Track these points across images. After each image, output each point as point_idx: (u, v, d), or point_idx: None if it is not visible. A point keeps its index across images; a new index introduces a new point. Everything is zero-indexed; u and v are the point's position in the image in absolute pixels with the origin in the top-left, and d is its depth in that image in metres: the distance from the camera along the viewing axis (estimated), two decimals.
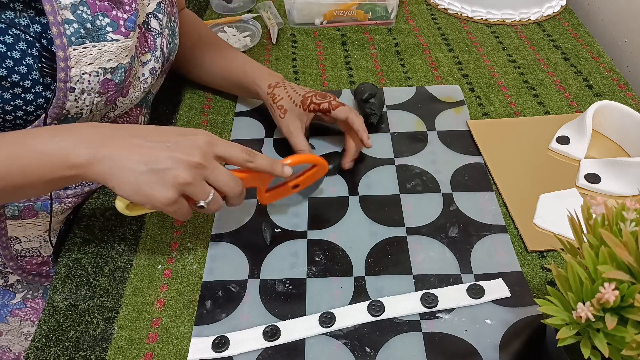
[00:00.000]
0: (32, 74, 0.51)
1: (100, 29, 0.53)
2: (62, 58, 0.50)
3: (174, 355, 0.51)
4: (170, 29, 0.66)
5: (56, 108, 0.53)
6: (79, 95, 0.53)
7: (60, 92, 0.52)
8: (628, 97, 0.78)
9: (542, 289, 0.55)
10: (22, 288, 0.71)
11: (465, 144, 0.72)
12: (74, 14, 0.51)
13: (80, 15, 0.51)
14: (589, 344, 0.37)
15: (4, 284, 0.70)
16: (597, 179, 0.64)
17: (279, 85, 0.70)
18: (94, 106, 0.56)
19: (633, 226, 0.38)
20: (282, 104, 0.68)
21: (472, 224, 0.61)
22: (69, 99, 0.53)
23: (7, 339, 0.75)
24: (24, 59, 0.50)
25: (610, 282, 0.36)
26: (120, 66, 0.56)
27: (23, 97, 0.51)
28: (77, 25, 0.51)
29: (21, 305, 0.72)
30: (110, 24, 0.54)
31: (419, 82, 0.84)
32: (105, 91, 0.55)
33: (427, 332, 0.52)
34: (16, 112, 0.52)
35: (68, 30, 0.50)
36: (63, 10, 0.50)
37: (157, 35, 0.63)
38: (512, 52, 0.90)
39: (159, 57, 0.64)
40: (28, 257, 0.67)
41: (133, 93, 0.61)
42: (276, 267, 0.58)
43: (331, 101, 0.66)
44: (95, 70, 0.53)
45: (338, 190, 0.66)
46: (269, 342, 0.51)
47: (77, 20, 0.51)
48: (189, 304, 0.56)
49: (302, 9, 0.97)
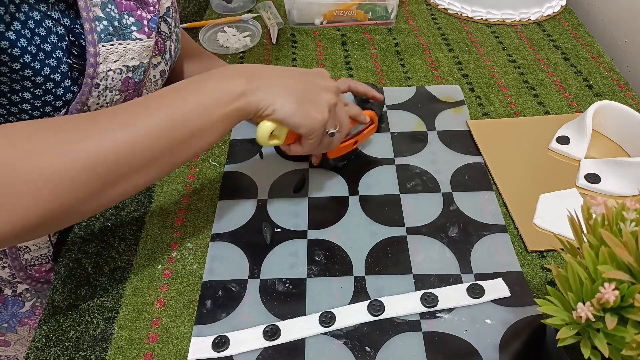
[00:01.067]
0: (61, 67, 0.51)
1: (126, 28, 0.54)
2: (92, 54, 0.51)
3: (174, 355, 0.51)
4: (176, 34, 0.67)
5: (79, 103, 0.53)
6: (102, 91, 0.54)
7: (86, 87, 0.52)
8: (628, 97, 0.79)
9: (542, 289, 0.55)
10: (30, 297, 0.71)
11: (465, 144, 0.72)
12: (104, 11, 0.52)
13: (109, 13, 0.52)
14: (589, 344, 0.37)
15: (13, 294, 0.70)
16: (597, 179, 0.65)
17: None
18: (113, 104, 0.56)
19: (633, 226, 0.38)
20: None
21: (472, 223, 0.62)
22: (93, 94, 0.53)
23: (16, 349, 0.75)
24: (55, 52, 0.50)
25: (610, 282, 0.36)
26: (141, 65, 0.57)
27: (54, 93, 0.52)
28: (106, 23, 0.52)
29: (30, 313, 0.72)
30: (135, 23, 0.55)
31: (419, 82, 0.84)
32: (125, 89, 0.56)
33: (427, 331, 0.52)
34: (45, 107, 0.52)
35: (98, 27, 0.51)
36: (94, 7, 0.51)
37: (166, 39, 0.64)
38: (512, 52, 0.90)
39: (168, 60, 0.65)
40: (37, 265, 0.67)
41: (145, 94, 0.62)
42: (276, 267, 0.58)
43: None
44: (119, 68, 0.54)
45: (338, 190, 0.66)
46: (269, 341, 0.51)
47: (106, 18, 0.52)
48: (189, 304, 0.56)
49: (302, 9, 0.97)
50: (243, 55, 0.93)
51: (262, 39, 0.96)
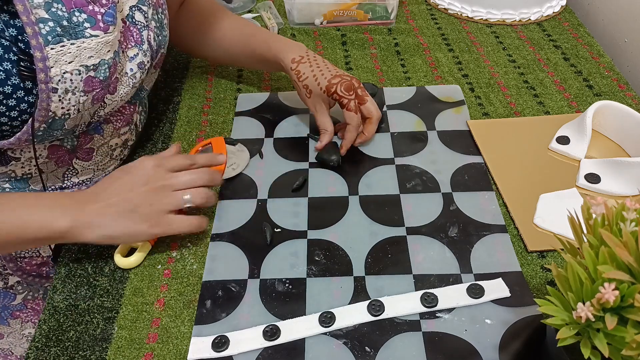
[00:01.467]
0: (11, 79, 0.50)
1: (78, 26, 0.51)
2: (40, 58, 0.49)
3: (174, 355, 0.51)
4: (157, 21, 0.64)
5: (42, 110, 0.51)
6: (62, 95, 0.52)
7: (43, 93, 0.51)
8: (628, 97, 0.78)
9: (542, 289, 0.55)
10: (22, 290, 0.71)
11: (465, 144, 0.72)
12: (49, 12, 0.49)
13: (55, 13, 0.50)
14: (589, 344, 0.37)
15: (4, 286, 0.70)
16: (597, 179, 0.64)
17: (304, 60, 0.69)
18: (81, 105, 0.55)
19: (633, 226, 0.38)
20: (307, 83, 0.68)
21: (472, 223, 0.62)
22: (53, 100, 0.52)
23: (9, 342, 0.75)
24: (1, 64, 0.49)
25: (610, 282, 0.36)
26: (103, 62, 0.54)
27: (5, 103, 0.50)
28: (52, 24, 0.49)
29: (22, 307, 0.72)
30: (87, 19, 0.52)
31: (419, 82, 0.84)
32: (90, 89, 0.54)
33: (427, 331, 0.52)
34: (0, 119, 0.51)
35: (43, 30, 0.49)
36: (36, 9, 0.49)
37: (142, 29, 0.61)
38: (512, 52, 0.90)
39: (147, 50, 0.62)
40: (27, 257, 0.67)
41: (122, 89, 0.60)
42: (276, 267, 0.58)
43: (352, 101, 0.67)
44: (76, 69, 0.52)
45: (338, 190, 0.66)
46: (268, 341, 0.51)
47: (52, 19, 0.49)
48: (189, 304, 0.56)
49: (302, 9, 0.97)
50: None
51: None
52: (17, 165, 0.58)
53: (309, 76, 0.68)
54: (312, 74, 0.68)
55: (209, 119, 0.79)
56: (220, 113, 0.79)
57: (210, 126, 0.77)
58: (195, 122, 0.78)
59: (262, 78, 0.87)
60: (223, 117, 0.79)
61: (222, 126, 0.77)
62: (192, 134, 0.76)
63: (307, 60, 0.69)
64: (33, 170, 0.59)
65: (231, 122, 0.78)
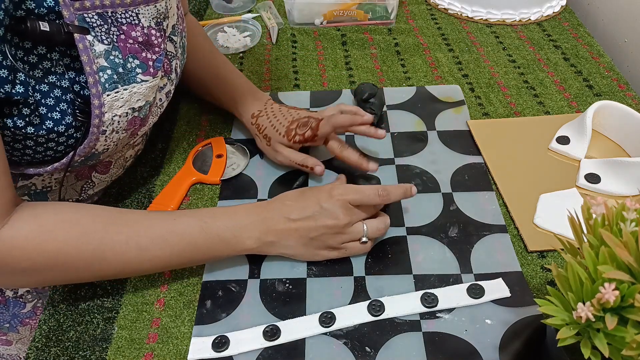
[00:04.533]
0: (65, 119, 0.51)
1: (131, 72, 0.52)
2: (97, 105, 0.50)
3: (174, 355, 0.51)
4: (181, 47, 0.65)
5: (86, 148, 0.53)
6: (109, 135, 0.53)
7: (93, 135, 0.52)
8: (628, 97, 0.79)
9: (542, 289, 0.55)
10: (31, 298, 0.71)
11: (465, 144, 0.72)
12: (107, 60, 0.50)
13: (113, 61, 0.51)
14: (589, 344, 0.38)
15: (14, 295, 0.70)
16: (597, 179, 0.64)
17: (262, 114, 0.69)
18: (120, 142, 0.56)
19: (633, 226, 0.38)
20: (267, 133, 0.68)
21: (472, 223, 0.62)
22: (100, 140, 0.53)
23: (17, 348, 0.75)
24: (59, 105, 0.50)
25: (610, 282, 0.36)
26: (147, 103, 0.56)
27: (56, 141, 0.52)
28: (110, 72, 0.51)
29: (31, 314, 0.72)
30: (139, 65, 0.53)
31: (419, 82, 0.84)
32: (131, 127, 0.56)
33: (427, 331, 0.52)
34: (47, 152, 0.52)
35: (102, 78, 0.50)
36: (98, 58, 0.50)
37: (172, 58, 0.62)
38: (512, 52, 0.90)
39: (174, 79, 0.63)
40: None
41: (152, 119, 0.61)
42: (276, 267, 0.58)
43: (311, 124, 0.64)
44: (125, 112, 0.53)
45: None
46: (269, 341, 0.51)
47: (110, 67, 0.51)
48: (189, 304, 0.56)
49: (302, 9, 0.97)
50: (243, 55, 0.93)
51: (262, 39, 0.96)
52: (39, 179, 0.58)
53: (267, 127, 0.68)
54: (271, 125, 0.67)
55: (209, 118, 0.79)
56: (220, 113, 0.79)
57: (210, 126, 0.77)
58: (195, 122, 0.78)
59: (262, 78, 0.87)
60: (223, 117, 0.78)
61: (223, 126, 0.77)
62: (192, 134, 0.76)
63: (265, 114, 0.69)
64: (53, 184, 0.60)
65: (231, 122, 0.78)
